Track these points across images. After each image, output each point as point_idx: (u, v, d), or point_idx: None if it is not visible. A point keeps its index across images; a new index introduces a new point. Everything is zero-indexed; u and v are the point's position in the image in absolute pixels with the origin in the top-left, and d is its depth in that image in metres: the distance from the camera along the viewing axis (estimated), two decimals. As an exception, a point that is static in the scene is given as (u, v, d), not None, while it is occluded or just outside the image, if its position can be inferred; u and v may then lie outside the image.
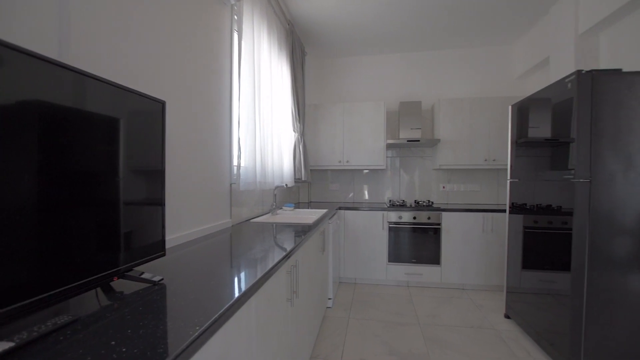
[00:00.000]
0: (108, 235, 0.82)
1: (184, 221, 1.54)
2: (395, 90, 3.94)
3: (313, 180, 4.10)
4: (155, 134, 1.00)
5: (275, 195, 2.60)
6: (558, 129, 1.91)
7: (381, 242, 3.32)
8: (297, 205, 3.49)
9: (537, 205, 2.14)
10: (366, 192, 4.01)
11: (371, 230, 3.34)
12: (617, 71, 1.72)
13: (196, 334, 0.63)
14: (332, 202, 3.94)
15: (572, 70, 2.33)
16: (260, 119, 2.18)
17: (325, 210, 2.82)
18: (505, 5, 2.83)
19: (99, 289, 0.87)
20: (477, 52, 3.78)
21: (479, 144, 3.43)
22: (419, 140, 3.41)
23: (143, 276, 0.94)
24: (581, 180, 1.73)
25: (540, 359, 1.99)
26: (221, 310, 0.73)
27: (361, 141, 3.64)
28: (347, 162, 3.67)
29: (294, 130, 3.15)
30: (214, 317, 0.69)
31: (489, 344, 2.16)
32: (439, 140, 3.44)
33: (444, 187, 3.82)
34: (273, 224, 2.10)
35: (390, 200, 3.72)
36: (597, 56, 2.48)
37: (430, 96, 3.85)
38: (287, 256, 1.29)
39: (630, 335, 1.69)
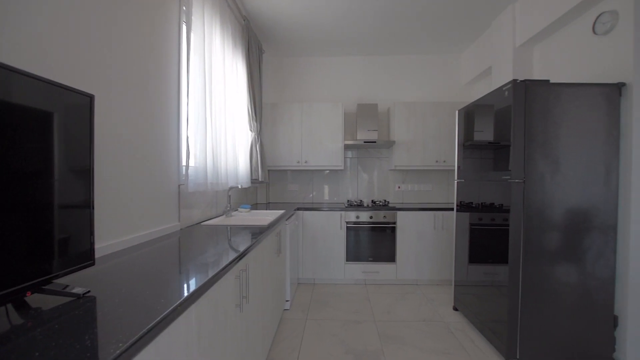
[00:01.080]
0: (18, 243, 0.72)
1: (124, 226, 1.41)
2: (353, 92, 4.01)
3: (272, 180, 4.03)
4: (81, 130, 0.90)
5: (229, 196, 2.50)
6: (499, 133, 2.07)
7: (339, 242, 3.35)
8: (255, 206, 3.41)
9: (481, 203, 2.30)
10: (326, 193, 4.03)
11: (329, 230, 3.36)
12: (546, 82, 1.90)
13: (118, 351, 0.56)
14: (291, 202, 3.91)
15: (511, 79, 2.54)
16: (212, 117, 2.08)
17: (282, 211, 2.78)
18: (454, 16, 3.01)
19: (9, 305, 0.76)
20: (430, 59, 3.98)
21: (430, 146, 3.61)
22: (375, 142, 3.51)
23: (67, 289, 0.83)
24: (516, 180, 1.88)
25: (484, 347, 2.13)
26: (151, 324, 0.66)
27: (320, 142, 3.65)
28: (306, 162, 3.66)
29: (251, 130, 3.06)
30: (141, 332, 0.63)
31: (438, 336, 2.28)
32: (394, 141, 3.57)
33: (399, 187, 3.97)
34: (227, 226, 2.02)
35: (348, 201, 3.77)
36: (531, 67, 2.73)
37: (386, 99, 3.98)
38: (236, 260, 1.24)
39: (559, 320, 1.87)
